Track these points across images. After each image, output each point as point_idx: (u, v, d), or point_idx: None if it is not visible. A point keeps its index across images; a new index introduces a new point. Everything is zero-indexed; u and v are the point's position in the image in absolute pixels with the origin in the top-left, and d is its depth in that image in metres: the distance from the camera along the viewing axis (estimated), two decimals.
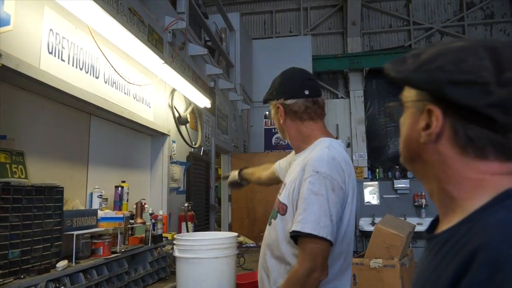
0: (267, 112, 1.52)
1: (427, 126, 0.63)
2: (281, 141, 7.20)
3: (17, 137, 1.87)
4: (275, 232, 1.43)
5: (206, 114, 4.56)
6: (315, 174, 1.30)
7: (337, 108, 8.48)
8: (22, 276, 1.53)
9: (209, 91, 4.48)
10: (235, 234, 2.02)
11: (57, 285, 1.66)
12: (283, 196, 1.45)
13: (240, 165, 6.21)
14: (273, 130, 7.26)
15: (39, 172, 1.98)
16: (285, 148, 7.02)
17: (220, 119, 5.22)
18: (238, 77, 6.26)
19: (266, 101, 1.59)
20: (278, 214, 1.44)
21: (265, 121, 7.26)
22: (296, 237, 1.30)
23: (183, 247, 1.79)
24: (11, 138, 1.83)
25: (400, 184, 7.80)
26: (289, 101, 1.51)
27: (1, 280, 1.39)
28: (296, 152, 1.56)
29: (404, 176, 7.93)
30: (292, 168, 1.54)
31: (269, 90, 1.59)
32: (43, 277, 1.59)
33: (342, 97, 8.57)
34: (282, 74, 1.58)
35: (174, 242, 1.84)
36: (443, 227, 0.65)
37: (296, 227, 1.27)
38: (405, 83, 0.68)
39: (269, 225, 1.51)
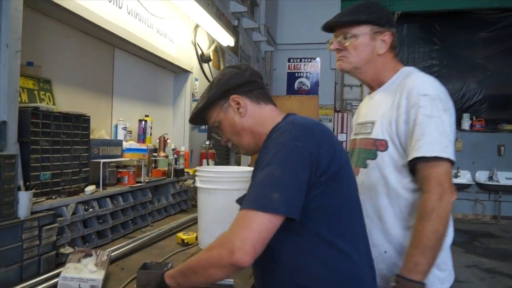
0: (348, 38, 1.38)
1: (238, 109, 1.16)
2: (303, 86, 7.04)
3: (44, 65, 1.88)
4: (378, 171, 1.38)
5: (229, 53, 4.47)
6: (423, 97, 1.27)
7: None
8: (53, 197, 1.62)
9: (232, 30, 4.35)
10: None
11: (86, 208, 1.75)
12: (377, 132, 1.39)
13: None
14: (296, 74, 7.09)
15: (65, 101, 2.01)
16: (308, 93, 6.90)
17: (243, 59, 5.12)
18: (263, 17, 6.04)
19: (359, 22, 1.40)
20: (378, 152, 1.38)
21: (289, 64, 7.08)
22: (414, 165, 1.27)
23: (205, 178, 1.83)
24: (38, 65, 1.85)
25: None
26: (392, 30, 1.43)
27: (34, 199, 1.47)
28: (376, 88, 1.49)
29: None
30: (375, 103, 1.47)
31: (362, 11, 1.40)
32: (73, 199, 1.67)
33: None
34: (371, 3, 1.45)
35: (196, 173, 1.89)
36: None
37: (419, 153, 1.24)
38: (212, 100, 1.19)
39: (365, 167, 1.43)
